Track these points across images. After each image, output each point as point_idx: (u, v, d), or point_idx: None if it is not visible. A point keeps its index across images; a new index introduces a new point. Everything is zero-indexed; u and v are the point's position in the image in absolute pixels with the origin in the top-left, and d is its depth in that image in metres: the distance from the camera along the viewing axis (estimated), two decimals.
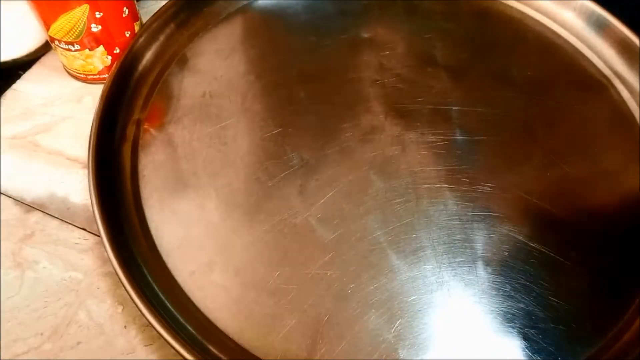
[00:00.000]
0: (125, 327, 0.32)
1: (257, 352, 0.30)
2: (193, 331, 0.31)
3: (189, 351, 0.28)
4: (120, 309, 0.33)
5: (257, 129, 0.39)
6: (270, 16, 0.47)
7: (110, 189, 0.35)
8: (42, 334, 0.32)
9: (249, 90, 0.41)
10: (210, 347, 0.30)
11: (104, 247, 0.32)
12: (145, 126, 0.39)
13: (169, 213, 0.35)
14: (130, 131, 0.39)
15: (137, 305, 0.30)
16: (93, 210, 0.33)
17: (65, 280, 0.34)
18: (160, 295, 0.32)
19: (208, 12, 0.46)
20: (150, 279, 0.32)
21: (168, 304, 0.31)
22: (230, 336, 0.31)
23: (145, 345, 0.32)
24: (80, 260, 0.35)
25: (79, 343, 0.32)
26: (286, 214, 0.35)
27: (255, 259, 0.33)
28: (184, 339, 0.29)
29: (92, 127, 0.37)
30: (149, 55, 0.43)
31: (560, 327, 0.31)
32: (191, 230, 0.35)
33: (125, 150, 0.38)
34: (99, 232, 0.32)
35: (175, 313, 0.31)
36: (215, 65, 0.43)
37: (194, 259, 0.33)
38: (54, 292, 0.34)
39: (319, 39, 0.44)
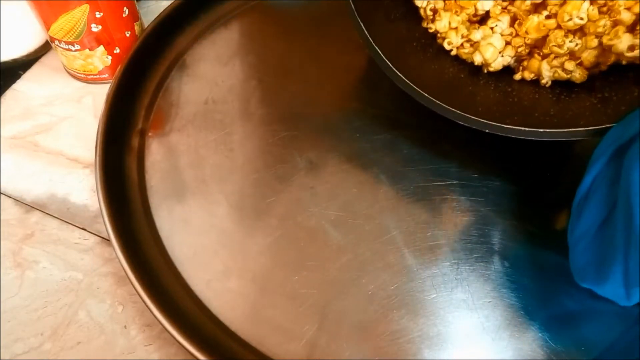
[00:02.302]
0: (125, 327, 0.32)
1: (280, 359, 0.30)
2: (214, 340, 0.30)
3: None
4: (120, 309, 0.33)
5: (262, 134, 0.39)
6: (268, 19, 0.47)
7: (119, 201, 0.35)
8: (42, 334, 0.32)
9: (252, 95, 0.41)
10: (233, 356, 0.30)
11: (119, 260, 0.32)
12: (150, 135, 0.39)
13: (180, 222, 0.35)
14: (135, 141, 0.39)
15: (155, 317, 0.30)
16: (105, 224, 0.33)
17: (65, 280, 0.34)
18: (179, 306, 0.32)
19: (205, 18, 0.46)
20: (167, 290, 0.32)
21: (187, 315, 0.31)
22: (252, 345, 0.31)
23: (145, 346, 0.32)
24: (80, 260, 0.35)
25: (79, 343, 0.32)
26: (299, 218, 0.35)
27: (271, 264, 0.33)
28: (206, 350, 0.29)
29: (96, 140, 0.37)
30: (149, 63, 0.42)
31: (580, 318, 0.31)
32: (204, 238, 0.35)
33: (130, 161, 0.38)
34: (111, 244, 0.32)
35: (195, 323, 0.31)
36: (216, 71, 0.42)
37: (209, 268, 0.33)
38: (54, 292, 0.34)
39: (318, 40, 0.44)
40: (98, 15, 0.38)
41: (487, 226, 0.34)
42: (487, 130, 0.32)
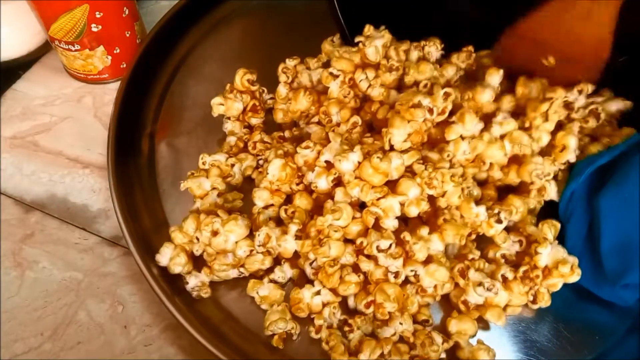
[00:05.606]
0: (125, 327, 0.32)
1: None
2: (235, 341, 0.31)
3: None
4: (120, 309, 0.33)
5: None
6: (271, 18, 0.47)
7: (134, 206, 0.35)
8: (42, 334, 0.32)
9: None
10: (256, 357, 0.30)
11: (137, 264, 0.32)
12: (159, 138, 0.39)
13: None
14: (145, 145, 0.39)
15: (179, 322, 0.30)
16: (121, 228, 0.33)
17: (65, 280, 0.34)
18: (200, 310, 0.31)
19: (207, 19, 0.46)
20: (186, 293, 0.32)
21: (210, 318, 0.31)
22: (274, 345, 0.31)
23: (145, 346, 0.32)
24: (80, 260, 0.35)
25: (79, 343, 0.32)
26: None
27: None
28: (228, 350, 0.29)
29: (108, 148, 0.36)
30: (154, 67, 0.42)
31: (595, 307, 0.32)
32: None
33: (142, 165, 0.38)
34: (128, 247, 0.32)
35: (215, 325, 0.31)
36: (223, 72, 0.42)
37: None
38: (54, 292, 0.34)
39: (322, 38, 0.44)
40: (98, 15, 0.38)
41: None
42: None
